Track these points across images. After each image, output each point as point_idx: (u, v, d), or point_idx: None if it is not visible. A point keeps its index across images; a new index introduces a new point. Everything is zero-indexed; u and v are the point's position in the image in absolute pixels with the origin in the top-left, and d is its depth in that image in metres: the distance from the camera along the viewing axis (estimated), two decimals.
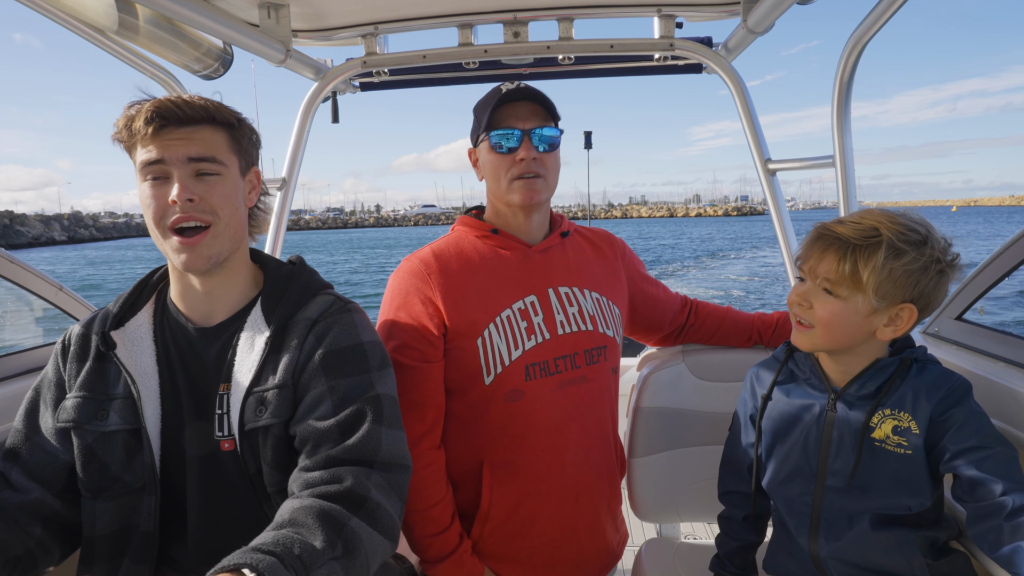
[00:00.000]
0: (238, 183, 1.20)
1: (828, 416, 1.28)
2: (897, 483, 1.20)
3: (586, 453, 1.49)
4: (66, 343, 1.23)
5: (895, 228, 1.16)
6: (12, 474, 1.15)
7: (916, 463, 1.18)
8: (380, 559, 1.02)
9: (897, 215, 1.21)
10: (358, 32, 2.21)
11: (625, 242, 1.72)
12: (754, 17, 1.86)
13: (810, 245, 1.24)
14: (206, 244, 1.13)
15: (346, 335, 1.20)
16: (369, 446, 1.10)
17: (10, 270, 1.73)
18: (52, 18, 1.70)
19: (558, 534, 1.48)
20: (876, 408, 1.22)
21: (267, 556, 0.83)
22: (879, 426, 1.21)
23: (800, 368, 1.35)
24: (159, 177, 1.11)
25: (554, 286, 1.49)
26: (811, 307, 1.23)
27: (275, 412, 1.13)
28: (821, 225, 1.24)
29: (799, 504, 1.31)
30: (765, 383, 1.41)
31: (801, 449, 1.30)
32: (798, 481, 1.31)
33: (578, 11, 2.11)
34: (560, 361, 1.44)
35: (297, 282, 1.26)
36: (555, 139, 1.45)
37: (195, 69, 2.12)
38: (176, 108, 1.10)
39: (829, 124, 2.03)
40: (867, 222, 1.19)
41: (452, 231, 1.57)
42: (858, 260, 1.16)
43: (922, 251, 1.16)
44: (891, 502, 1.21)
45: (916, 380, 1.21)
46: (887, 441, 1.20)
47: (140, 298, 1.25)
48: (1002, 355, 1.44)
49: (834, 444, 1.26)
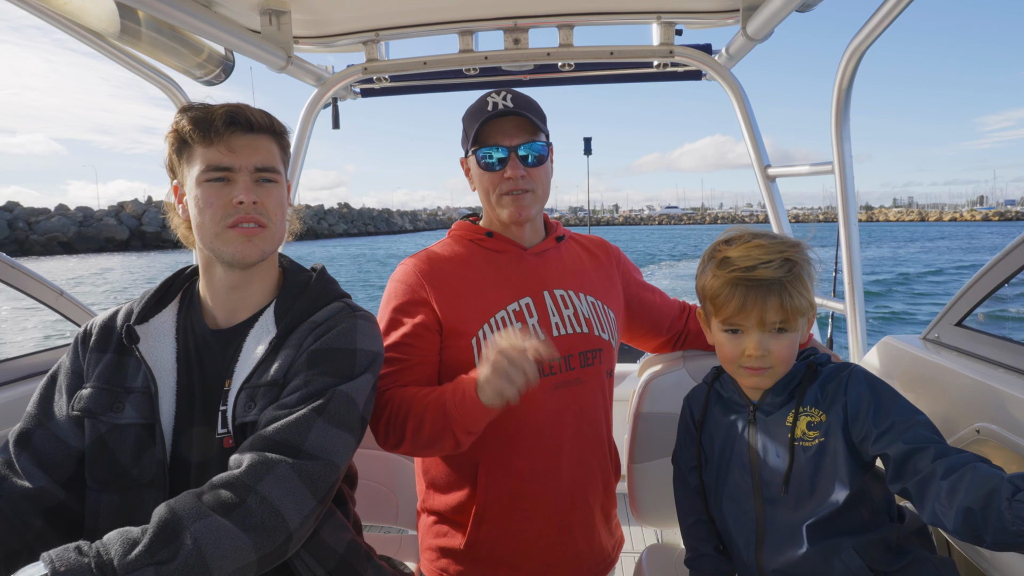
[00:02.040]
0: (285, 192, 1.28)
1: (751, 428, 1.33)
2: (821, 477, 1.22)
3: (580, 455, 1.49)
4: (88, 332, 1.25)
5: (792, 250, 1.24)
6: (21, 460, 1.15)
7: (831, 449, 1.22)
8: (242, 558, 0.96)
9: (773, 239, 1.27)
10: (359, 39, 2.22)
11: (620, 249, 1.74)
12: (753, 25, 1.87)
13: (743, 299, 1.23)
14: (261, 238, 1.20)
15: (342, 337, 1.21)
16: (297, 432, 1.07)
17: (11, 275, 1.73)
18: (55, 24, 1.71)
19: (553, 537, 1.47)
20: (792, 409, 1.27)
21: (80, 558, 0.87)
22: (795, 426, 1.26)
23: (724, 388, 1.40)
24: (222, 179, 1.18)
25: (549, 288, 1.50)
26: (768, 352, 1.25)
27: (263, 408, 1.14)
28: (737, 278, 1.24)
29: (745, 521, 1.32)
30: (698, 407, 1.45)
31: (738, 465, 1.34)
32: (740, 498, 1.33)
33: (578, 18, 2.12)
34: (555, 363, 1.45)
35: (312, 289, 1.29)
36: (542, 153, 1.46)
37: (196, 75, 2.12)
38: (247, 115, 1.19)
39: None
40: (776, 256, 1.23)
41: (449, 235, 1.60)
42: (792, 294, 1.22)
43: (809, 259, 1.27)
44: (821, 502, 1.22)
45: (821, 378, 1.28)
46: (804, 438, 1.25)
47: (167, 295, 1.29)
48: (1002, 361, 1.44)
49: (760, 452, 1.30)
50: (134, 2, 1.53)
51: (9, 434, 1.20)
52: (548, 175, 1.50)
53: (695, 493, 1.45)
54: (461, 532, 1.47)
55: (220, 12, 1.87)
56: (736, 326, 1.27)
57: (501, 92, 1.47)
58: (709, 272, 1.31)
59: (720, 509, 1.38)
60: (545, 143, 1.48)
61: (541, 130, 1.47)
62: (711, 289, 1.29)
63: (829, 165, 2.03)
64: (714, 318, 1.31)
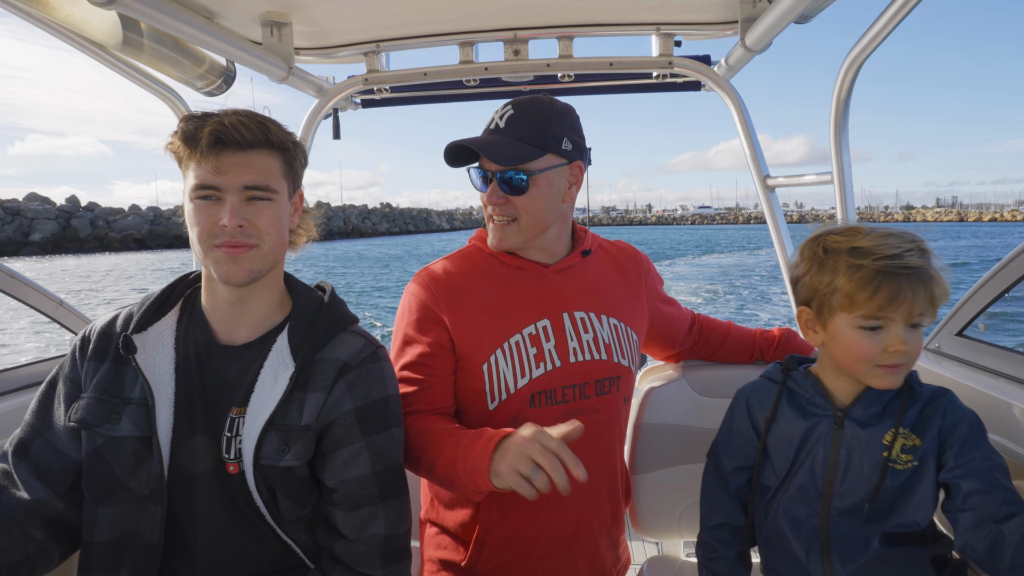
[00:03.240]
0: (285, 207, 1.21)
1: (836, 435, 1.24)
2: (907, 500, 1.21)
3: (589, 484, 1.44)
4: (86, 339, 1.22)
5: (918, 240, 1.17)
6: (19, 470, 1.14)
7: (923, 477, 1.20)
8: None
9: (877, 225, 1.22)
10: (360, 50, 2.23)
11: (649, 258, 1.67)
12: (752, 36, 1.88)
13: (894, 290, 1.13)
14: (248, 258, 1.14)
15: (378, 387, 1.22)
16: (405, 518, 1.23)
17: (11, 285, 1.73)
18: (57, 35, 1.72)
19: (555, 564, 1.45)
20: (890, 427, 1.22)
21: None
22: (892, 445, 1.20)
23: (801, 387, 1.31)
24: (210, 197, 1.12)
25: (569, 311, 1.44)
26: (907, 347, 1.16)
27: (298, 454, 1.14)
28: (884, 267, 1.13)
29: (806, 527, 1.27)
30: (765, 405, 1.36)
31: (808, 470, 1.27)
32: (804, 503, 1.27)
33: (578, 29, 2.13)
34: (568, 390, 1.40)
35: (325, 316, 1.25)
36: (519, 183, 1.35)
37: (198, 86, 2.13)
38: (235, 131, 1.11)
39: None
40: (910, 244, 1.15)
41: (469, 242, 1.52)
42: (937, 283, 1.15)
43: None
44: (903, 520, 1.21)
45: (920, 400, 1.23)
46: (898, 460, 1.20)
47: (166, 303, 1.25)
48: (1003, 371, 1.44)
49: (842, 464, 1.23)
50: (136, 14, 1.53)
51: (8, 442, 1.18)
52: (537, 202, 1.37)
53: (732, 495, 1.38)
54: (464, 549, 1.45)
55: (222, 24, 1.88)
56: (879, 320, 1.15)
57: (505, 108, 1.41)
58: (841, 266, 1.18)
59: (776, 512, 1.32)
60: (530, 172, 1.35)
61: (529, 156, 1.35)
62: (848, 284, 1.16)
63: (829, 175, 2.04)
64: (846, 314, 1.18)
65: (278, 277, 1.26)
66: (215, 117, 1.12)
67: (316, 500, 1.20)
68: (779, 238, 2.33)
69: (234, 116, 1.13)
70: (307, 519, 1.20)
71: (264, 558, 1.19)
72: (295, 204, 1.27)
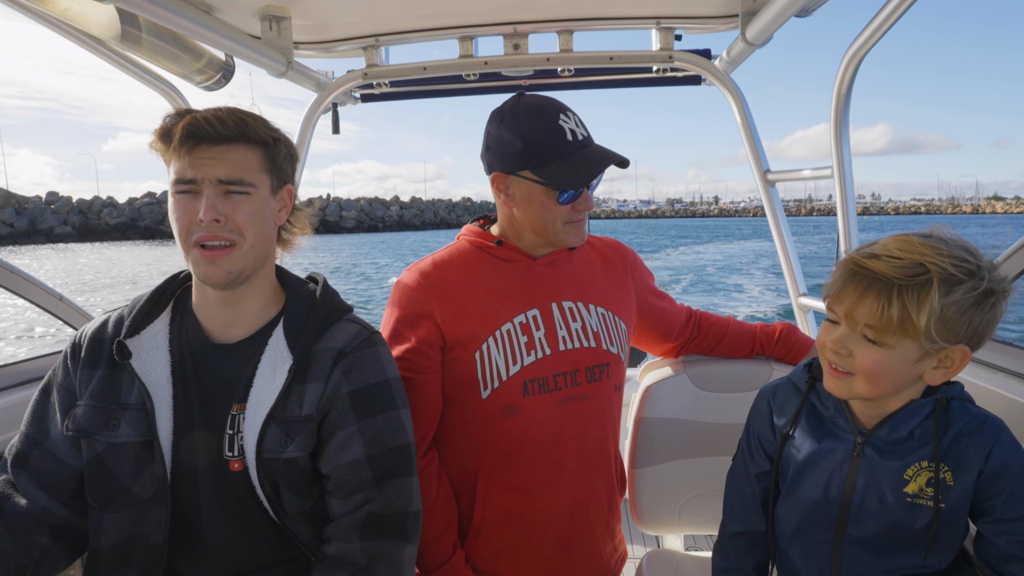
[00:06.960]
0: (267, 202, 1.18)
1: (854, 462, 1.13)
2: (926, 540, 1.08)
3: (584, 472, 1.46)
4: (77, 345, 1.20)
5: (943, 260, 0.99)
6: (20, 481, 1.14)
7: (950, 518, 1.08)
8: None
9: (935, 241, 1.03)
10: (359, 44, 2.22)
11: (636, 253, 1.69)
12: (752, 30, 1.88)
13: (842, 284, 1.06)
14: (227, 260, 1.12)
15: (373, 371, 1.21)
16: (403, 498, 1.18)
17: (11, 280, 1.72)
18: (55, 29, 1.71)
19: (552, 553, 1.46)
20: (917, 459, 1.09)
21: None
22: (914, 479, 1.08)
23: (824, 404, 1.20)
24: (189, 192, 1.11)
25: (558, 300, 1.46)
26: (850, 355, 1.06)
27: (301, 445, 1.14)
28: (851, 259, 1.06)
29: (817, 555, 1.18)
30: (784, 414, 1.25)
31: (822, 494, 1.16)
32: (815, 529, 1.18)
33: (578, 23, 2.12)
34: (560, 378, 1.42)
35: (320, 306, 1.24)
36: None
37: (197, 80, 2.12)
38: (209, 126, 1.09)
39: None
40: (908, 256, 1.01)
41: (457, 239, 1.54)
42: (907, 304, 0.99)
43: (975, 284, 0.99)
44: (917, 560, 1.10)
45: (957, 425, 1.08)
46: (920, 495, 1.08)
47: (157, 305, 1.23)
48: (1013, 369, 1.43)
49: (858, 492, 1.12)
50: (135, 8, 1.53)
51: (6, 453, 1.18)
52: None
53: (753, 501, 1.30)
54: (460, 541, 1.46)
55: (220, 18, 1.87)
56: (832, 313, 1.09)
57: (572, 114, 1.39)
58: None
59: (788, 534, 1.23)
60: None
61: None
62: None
63: (829, 169, 2.04)
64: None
65: (269, 275, 1.25)
66: (192, 113, 1.11)
67: (319, 494, 1.20)
68: (779, 231, 2.33)
69: (212, 111, 1.12)
70: (310, 513, 1.20)
71: (265, 552, 1.19)
72: (282, 200, 1.24)
